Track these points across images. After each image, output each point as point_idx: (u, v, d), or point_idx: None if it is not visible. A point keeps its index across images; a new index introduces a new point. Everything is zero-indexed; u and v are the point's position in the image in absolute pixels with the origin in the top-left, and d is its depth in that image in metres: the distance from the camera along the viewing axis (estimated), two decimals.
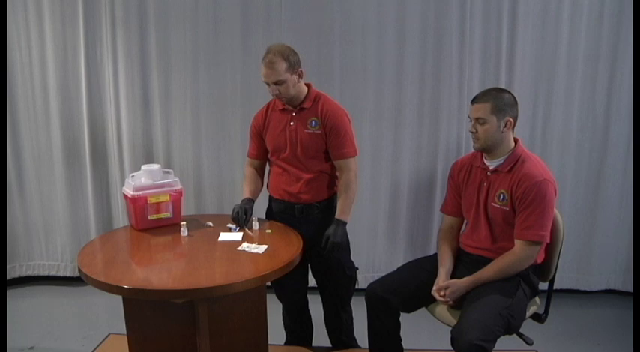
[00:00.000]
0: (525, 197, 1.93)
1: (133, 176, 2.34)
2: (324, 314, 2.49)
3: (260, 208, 2.43)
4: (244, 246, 2.05)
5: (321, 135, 2.22)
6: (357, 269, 2.41)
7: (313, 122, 2.22)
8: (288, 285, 2.37)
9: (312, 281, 2.47)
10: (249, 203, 2.31)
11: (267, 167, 2.45)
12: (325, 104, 2.24)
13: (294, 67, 2.16)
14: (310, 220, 2.28)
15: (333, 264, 2.32)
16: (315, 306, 2.51)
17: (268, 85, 2.17)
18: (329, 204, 2.31)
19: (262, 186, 2.43)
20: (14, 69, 3.15)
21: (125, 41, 3.07)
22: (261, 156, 2.40)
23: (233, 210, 2.27)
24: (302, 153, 2.24)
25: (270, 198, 2.42)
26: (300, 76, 2.20)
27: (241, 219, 2.23)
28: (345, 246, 2.37)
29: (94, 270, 1.86)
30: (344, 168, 2.25)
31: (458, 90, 2.99)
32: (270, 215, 2.42)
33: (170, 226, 2.28)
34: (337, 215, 2.23)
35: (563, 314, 2.97)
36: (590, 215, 3.11)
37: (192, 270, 1.91)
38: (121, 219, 3.30)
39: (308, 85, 2.29)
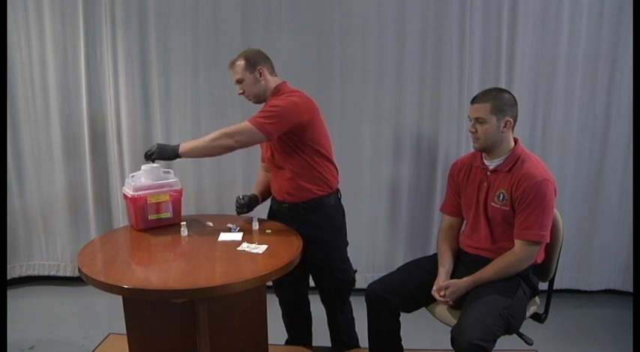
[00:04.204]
0: (525, 197, 1.92)
1: (133, 176, 2.34)
2: (326, 314, 2.48)
3: (262, 208, 2.43)
4: (244, 246, 2.05)
5: None
6: (356, 271, 2.40)
7: None
8: (288, 285, 2.37)
9: (311, 282, 2.46)
10: (253, 195, 2.38)
11: None
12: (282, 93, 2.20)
13: (254, 65, 2.17)
14: (298, 221, 2.24)
15: (323, 266, 2.31)
16: (315, 306, 2.51)
17: None
18: (316, 205, 2.24)
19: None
20: (14, 69, 3.16)
21: (125, 41, 3.07)
22: None
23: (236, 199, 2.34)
24: (275, 150, 2.23)
25: (272, 197, 2.42)
26: (260, 75, 2.18)
27: (241, 201, 2.31)
28: (337, 248, 2.35)
29: (94, 270, 1.86)
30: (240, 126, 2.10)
31: (458, 90, 2.99)
32: (271, 214, 2.42)
33: (170, 226, 2.28)
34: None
35: (563, 314, 2.97)
36: (590, 215, 3.11)
37: (192, 270, 1.90)
38: (121, 219, 3.30)
39: (283, 83, 2.24)
